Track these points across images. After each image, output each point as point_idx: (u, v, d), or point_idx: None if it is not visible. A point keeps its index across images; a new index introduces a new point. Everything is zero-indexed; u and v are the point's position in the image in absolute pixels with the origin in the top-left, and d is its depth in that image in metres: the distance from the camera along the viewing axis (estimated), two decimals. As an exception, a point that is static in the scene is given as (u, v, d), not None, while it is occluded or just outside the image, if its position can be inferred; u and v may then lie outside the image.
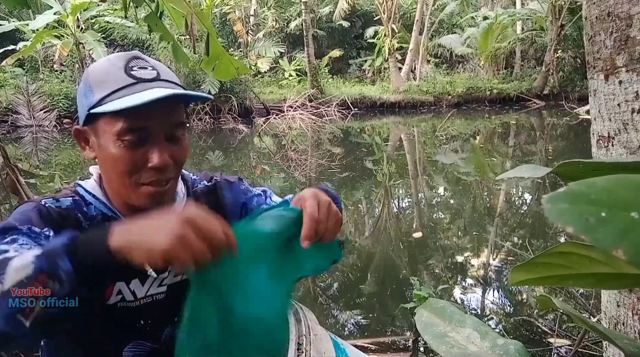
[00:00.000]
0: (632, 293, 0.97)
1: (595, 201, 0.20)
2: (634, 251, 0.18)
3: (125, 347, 0.79)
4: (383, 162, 7.64)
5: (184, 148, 0.77)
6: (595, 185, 0.21)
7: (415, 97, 15.11)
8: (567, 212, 0.20)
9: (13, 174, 2.12)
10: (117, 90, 0.69)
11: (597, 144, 1.02)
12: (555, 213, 0.20)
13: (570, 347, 2.05)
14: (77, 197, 0.78)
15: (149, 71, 0.73)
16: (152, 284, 0.80)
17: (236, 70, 2.22)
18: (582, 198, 0.20)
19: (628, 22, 0.89)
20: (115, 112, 0.67)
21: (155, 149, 0.71)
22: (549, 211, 0.21)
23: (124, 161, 0.71)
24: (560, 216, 0.20)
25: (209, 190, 0.93)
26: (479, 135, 10.43)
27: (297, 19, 16.76)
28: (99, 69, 0.74)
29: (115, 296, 0.77)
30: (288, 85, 15.87)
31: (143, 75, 0.71)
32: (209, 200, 0.91)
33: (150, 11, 2.06)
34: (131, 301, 0.79)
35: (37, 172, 4.95)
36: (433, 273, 3.26)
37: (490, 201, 5.19)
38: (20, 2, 1.68)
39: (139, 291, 0.79)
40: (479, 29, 15.54)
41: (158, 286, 0.81)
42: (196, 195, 0.91)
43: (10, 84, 12.50)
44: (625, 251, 0.18)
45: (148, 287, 0.80)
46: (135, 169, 0.72)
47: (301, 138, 10.47)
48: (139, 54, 0.75)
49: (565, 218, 0.20)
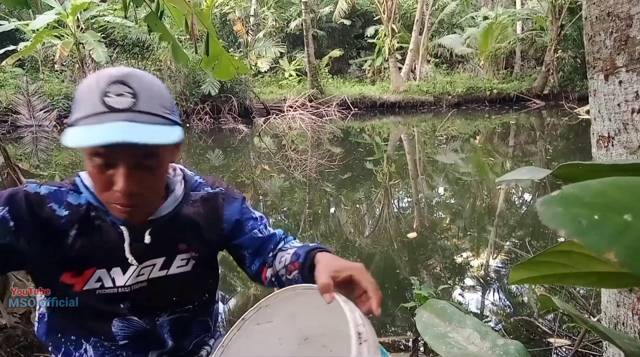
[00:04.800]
0: (632, 293, 0.97)
1: (589, 203, 0.20)
2: (627, 253, 0.18)
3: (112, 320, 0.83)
4: (383, 162, 7.63)
5: (156, 176, 0.77)
6: (588, 188, 0.21)
7: (415, 97, 15.11)
8: (561, 215, 0.20)
9: (14, 173, 2.12)
10: (87, 116, 0.69)
11: (597, 144, 1.02)
12: (549, 216, 0.20)
13: (570, 347, 2.05)
14: (64, 188, 0.82)
15: (125, 99, 0.69)
16: (132, 274, 0.83)
17: (236, 70, 2.22)
18: (576, 201, 0.20)
19: (628, 22, 0.89)
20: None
21: (120, 175, 0.71)
22: (542, 214, 0.21)
23: (95, 179, 0.74)
24: (554, 219, 0.20)
25: (209, 196, 0.94)
26: (479, 135, 10.43)
27: (297, 19, 16.76)
28: (85, 85, 0.72)
29: (94, 282, 0.81)
30: (288, 85, 15.87)
31: (116, 103, 0.69)
32: (206, 206, 0.93)
33: (150, 11, 2.06)
34: (110, 287, 0.82)
35: (37, 172, 4.95)
36: (433, 273, 3.26)
37: (490, 201, 5.19)
38: (20, 2, 1.68)
39: (118, 280, 0.82)
40: (479, 29, 15.54)
41: (137, 276, 0.84)
42: (194, 199, 0.92)
43: (10, 84, 12.50)
44: (617, 253, 0.18)
45: (128, 277, 0.83)
46: (104, 188, 0.74)
47: (301, 138, 10.47)
48: (128, 76, 0.71)
49: (558, 221, 0.20)
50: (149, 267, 0.85)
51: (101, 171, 0.72)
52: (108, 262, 0.82)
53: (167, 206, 0.86)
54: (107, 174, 0.72)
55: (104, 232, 0.81)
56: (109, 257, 0.82)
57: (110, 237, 0.81)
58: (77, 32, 11.62)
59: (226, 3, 15.23)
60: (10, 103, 11.87)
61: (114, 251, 0.81)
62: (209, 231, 0.92)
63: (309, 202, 5.21)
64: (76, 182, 0.84)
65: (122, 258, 0.82)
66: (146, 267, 0.85)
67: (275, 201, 5.35)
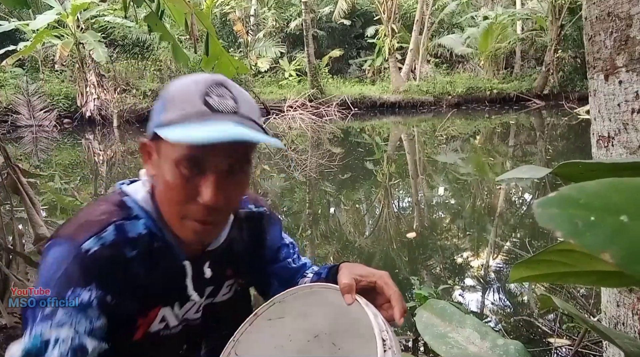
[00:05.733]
0: (632, 293, 0.97)
1: (585, 205, 0.20)
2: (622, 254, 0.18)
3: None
4: (383, 162, 7.63)
5: (242, 187, 0.70)
6: (585, 189, 0.21)
7: (415, 97, 15.11)
8: (557, 216, 0.20)
9: (14, 173, 2.12)
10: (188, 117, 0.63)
11: (597, 144, 1.02)
12: (546, 217, 0.20)
13: (570, 347, 2.05)
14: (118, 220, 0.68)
15: (227, 102, 0.65)
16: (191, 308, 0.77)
17: (236, 70, 2.22)
18: (572, 202, 0.20)
19: (628, 22, 0.89)
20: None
21: (209, 184, 0.64)
22: (539, 215, 0.21)
23: (176, 190, 0.65)
24: (550, 220, 0.20)
25: (253, 216, 0.88)
26: (479, 135, 10.43)
27: (297, 19, 16.76)
28: (178, 87, 0.67)
29: (158, 323, 0.73)
30: (288, 85, 15.87)
31: (219, 106, 0.64)
32: (251, 226, 0.86)
33: (150, 11, 2.06)
34: (174, 326, 0.75)
35: (37, 172, 4.95)
36: (433, 273, 3.26)
37: (490, 201, 5.19)
38: (20, 2, 1.68)
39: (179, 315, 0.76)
40: (479, 29, 15.54)
41: (195, 312, 0.78)
42: (240, 218, 0.84)
43: (10, 84, 12.52)
44: (612, 254, 0.18)
45: (186, 311, 0.77)
46: (185, 201, 0.66)
47: (301, 138, 10.47)
48: (225, 81, 0.67)
49: (555, 222, 0.20)
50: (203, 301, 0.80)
51: (187, 179, 0.64)
52: (171, 299, 0.74)
53: (223, 233, 0.78)
54: (192, 184, 0.65)
55: (167, 267, 0.72)
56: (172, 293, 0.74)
57: (173, 272, 0.72)
58: (77, 32, 11.62)
59: (226, 3, 15.23)
60: (10, 103, 11.88)
61: (175, 287, 0.73)
62: (253, 256, 0.86)
63: (309, 202, 5.22)
64: (127, 203, 0.72)
65: (183, 294, 0.74)
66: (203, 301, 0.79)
67: (276, 201, 5.35)
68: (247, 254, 0.85)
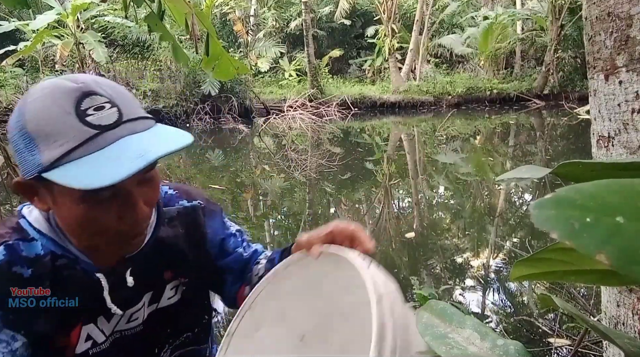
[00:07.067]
0: (632, 293, 0.97)
1: (581, 206, 0.20)
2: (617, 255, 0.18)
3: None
4: (383, 162, 7.63)
5: (156, 186, 0.65)
6: (582, 190, 0.21)
7: (415, 97, 15.11)
8: (553, 217, 0.20)
9: (14, 173, 2.12)
10: (75, 148, 0.53)
11: (597, 144, 1.02)
12: (542, 219, 0.20)
13: (570, 347, 2.05)
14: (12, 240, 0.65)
15: (108, 112, 0.56)
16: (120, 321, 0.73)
17: (236, 70, 2.22)
18: (569, 203, 0.20)
19: (628, 22, 0.89)
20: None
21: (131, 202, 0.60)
22: (536, 216, 0.21)
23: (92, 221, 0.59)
24: (547, 222, 0.20)
25: (187, 212, 0.81)
26: (479, 135, 10.43)
27: (297, 19, 16.76)
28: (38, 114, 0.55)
29: (84, 342, 0.69)
30: (288, 85, 15.88)
31: (102, 120, 0.55)
32: (187, 224, 0.80)
33: (150, 11, 2.06)
34: (103, 341, 0.71)
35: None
36: (433, 273, 3.26)
37: (489, 201, 5.19)
38: (20, 2, 1.68)
39: (106, 329, 0.72)
40: (479, 29, 15.53)
41: (128, 321, 0.74)
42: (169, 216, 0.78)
43: (10, 84, 12.51)
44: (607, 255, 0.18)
45: (116, 322, 0.72)
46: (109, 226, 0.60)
47: (301, 138, 10.47)
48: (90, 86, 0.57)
49: (551, 223, 0.20)
50: (140, 309, 0.74)
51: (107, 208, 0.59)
52: (93, 315, 0.69)
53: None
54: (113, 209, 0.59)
55: (78, 283, 0.66)
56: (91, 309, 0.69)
57: (86, 287, 0.67)
58: (77, 32, 11.62)
59: (226, 3, 15.23)
60: (10, 103, 11.86)
61: (94, 302, 0.68)
62: (193, 252, 0.80)
63: (309, 202, 5.21)
64: (22, 225, 0.66)
65: (104, 307, 0.69)
66: (137, 311, 0.74)
67: (276, 201, 5.35)
68: (186, 252, 0.79)
